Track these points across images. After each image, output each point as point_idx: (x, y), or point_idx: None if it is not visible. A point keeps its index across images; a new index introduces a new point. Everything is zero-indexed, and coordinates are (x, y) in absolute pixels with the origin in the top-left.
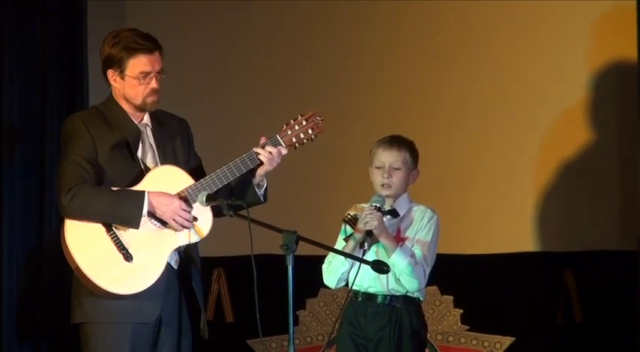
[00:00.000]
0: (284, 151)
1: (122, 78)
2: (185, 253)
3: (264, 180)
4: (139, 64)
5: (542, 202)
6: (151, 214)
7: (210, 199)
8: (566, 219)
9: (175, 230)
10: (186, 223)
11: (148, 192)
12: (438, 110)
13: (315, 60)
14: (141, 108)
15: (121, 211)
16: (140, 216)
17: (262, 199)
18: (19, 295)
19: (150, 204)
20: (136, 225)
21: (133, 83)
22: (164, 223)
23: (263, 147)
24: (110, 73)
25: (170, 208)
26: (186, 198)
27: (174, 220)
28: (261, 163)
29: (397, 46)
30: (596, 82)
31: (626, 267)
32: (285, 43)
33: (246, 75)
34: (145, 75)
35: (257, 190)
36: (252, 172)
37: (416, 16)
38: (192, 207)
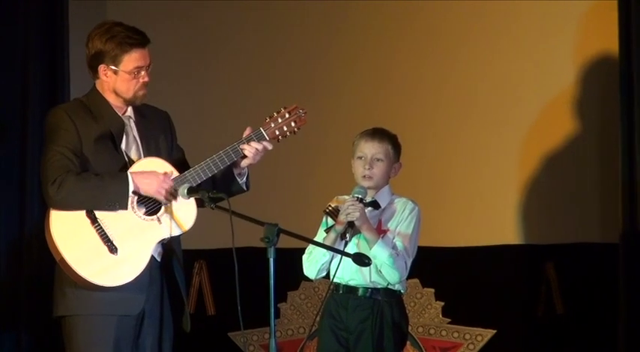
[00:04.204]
0: (269, 147)
1: (115, 73)
2: (168, 246)
3: (246, 168)
4: (133, 59)
5: (524, 194)
6: (139, 199)
7: (191, 192)
8: (547, 211)
9: (164, 203)
10: (171, 196)
11: (131, 172)
12: (418, 103)
13: (294, 53)
14: (130, 102)
15: (107, 193)
16: (127, 195)
17: (245, 187)
18: None
19: (134, 184)
20: (124, 206)
21: (127, 78)
22: (149, 214)
23: (248, 141)
24: (102, 68)
25: (154, 183)
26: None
27: (160, 194)
28: (244, 156)
29: (376, 40)
30: (579, 78)
31: (608, 260)
32: (264, 36)
33: (226, 69)
34: (139, 69)
35: (239, 179)
36: (234, 163)
37: (394, 10)
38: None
